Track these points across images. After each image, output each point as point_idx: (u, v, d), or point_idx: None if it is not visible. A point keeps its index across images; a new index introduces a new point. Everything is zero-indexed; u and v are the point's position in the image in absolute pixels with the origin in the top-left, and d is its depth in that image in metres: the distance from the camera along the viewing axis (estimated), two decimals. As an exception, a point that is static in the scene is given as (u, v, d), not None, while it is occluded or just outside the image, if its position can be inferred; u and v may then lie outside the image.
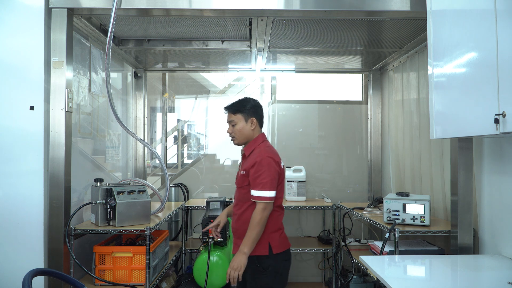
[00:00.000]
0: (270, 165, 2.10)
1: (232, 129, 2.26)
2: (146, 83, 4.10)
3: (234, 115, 2.24)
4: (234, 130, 2.24)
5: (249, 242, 2.05)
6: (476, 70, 1.58)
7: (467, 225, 2.27)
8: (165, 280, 3.26)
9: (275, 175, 2.11)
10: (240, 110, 2.23)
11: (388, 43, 3.18)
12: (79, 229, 2.45)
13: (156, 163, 4.34)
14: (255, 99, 2.31)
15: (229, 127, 2.27)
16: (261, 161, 2.10)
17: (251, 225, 2.07)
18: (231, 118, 2.25)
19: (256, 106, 2.27)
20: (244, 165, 2.22)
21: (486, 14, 1.50)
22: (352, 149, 4.24)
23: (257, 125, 2.26)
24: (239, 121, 2.23)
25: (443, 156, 2.77)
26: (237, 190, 2.24)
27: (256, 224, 2.05)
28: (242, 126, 2.23)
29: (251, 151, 2.21)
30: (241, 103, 2.26)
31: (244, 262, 2.04)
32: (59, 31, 2.28)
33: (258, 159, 2.11)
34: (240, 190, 2.21)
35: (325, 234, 3.95)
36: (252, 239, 2.05)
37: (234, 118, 2.24)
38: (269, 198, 2.08)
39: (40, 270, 1.59)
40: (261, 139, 2.25)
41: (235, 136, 2.25)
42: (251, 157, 2.19)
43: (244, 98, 2.29)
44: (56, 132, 2.28)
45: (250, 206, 2.15)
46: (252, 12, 2.37)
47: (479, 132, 1.58)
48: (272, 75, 4.28)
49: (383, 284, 1.68)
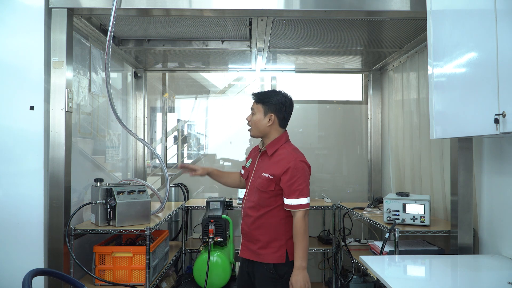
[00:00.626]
0: (304, 169, 2.01)
1: (251, 117, 2.14)
2: (146, 83, 4.10)
3: (256, 104, 2.11)
4: (252, 119, 2.12)
5: (304, 255, 1.95)
6: (476, 70, 1.58)
7: (467, 225, 2.27)
8: (165, 280, 3.26)
9: (309, 181, 2.03)
10: (263, 101, 2.09)
11: (388, 43, 3.18)
12: (79, 229, 2.45)
13: (156, 163, 4.33)
14: (288, 96, 2.13)
15: (249, 114, 2.16)
16: (296, 166, 1.98)
17: (299, 236, 1.96)
18: (253, 106, 2.13)
19: (282, 103, 2.08)
20: (268, 166, 2.05)
21: (486, 14, 1.50)
22: (352, 149, 4.23)
23: (276, 123, 2.09)
24: (258, 112, 2.09)
25: (443, 156, 2.77)
26: (257, 193, 2.05)
27: (303, 234, 1.96)
28: (259, 119, 2.09)
29: (275, 151, 2.07)
30: (267, 94, 2.10)
31: (307, 277, 1.96)
32: (59, 31, 2.28)
33: (292, 164, 1.98)
34: (261, 194, 2.03)
35: (325, 234, 3.95)
36: (305, 251, 1.96)
37: (254, 107, 2.12)
38: (307, 205, 1.99)
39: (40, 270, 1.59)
40: (284, 139, 2.11)
41: (251, 126, 2.14)
42: (276, 158, 2.05)
43: (274, 90, 2.14)
44: (56, 132, 2.28)
45: (270, 211, 2.03)
46: (252, 12, 2.37)
47: (479, 132, 1.58)
48: (272, 75, 4.28)
49: (383, 284, 1.68)
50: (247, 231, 2.10)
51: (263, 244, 2.04)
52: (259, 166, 2.12)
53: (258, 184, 2.06)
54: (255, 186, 2.08)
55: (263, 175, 2.04)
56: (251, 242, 2.08)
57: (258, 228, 2.05)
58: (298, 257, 1.95)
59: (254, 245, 2.07)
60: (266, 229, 2.04)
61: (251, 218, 2.07)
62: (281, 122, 2.11)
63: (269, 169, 2.04)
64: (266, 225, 2.03)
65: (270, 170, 2.03)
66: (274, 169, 2.02)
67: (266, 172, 2.04)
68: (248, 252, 2.10)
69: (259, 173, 2.09)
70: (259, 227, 2.05)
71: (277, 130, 2.11)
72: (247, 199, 2.13)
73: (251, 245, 2.09)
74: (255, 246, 2.06)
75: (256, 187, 2.07)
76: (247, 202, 2.13)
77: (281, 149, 2.07)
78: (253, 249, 2.07)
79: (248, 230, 2.09)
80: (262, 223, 2.04)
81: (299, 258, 1.95)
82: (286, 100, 2.10)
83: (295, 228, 1.98)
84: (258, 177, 2.07)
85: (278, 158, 2.04)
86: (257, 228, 2.05)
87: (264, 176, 2.04)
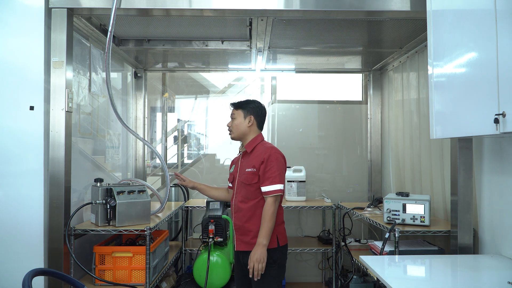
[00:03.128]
0: (278, 160, 2.24)
1: (231, 123, 2.38)
2: (146, 83, 4.10)
3: (236, 110, 2.37)
4: (233, 124, 2.36)
5: (266, 234, 2.14)
6: (476, 70, 1.58)
7: (467, 225, 2.28)
8: (165, 280, 3.26)
9: (283, 170, 2.26)
10: (242, 107, 2.35)
11: (388, 43, 3.18)
12: (79, 229, 2.45)
13: (156, 163, 4.33)
14: (261, 103, 2.42)
15: (230, 121, 2.40)
16: (270, 156, 2.22)
17: (265, 218, 2.15)
18: (232, 112, 2.39)
19: (258, 107, 2.37)
20: (249, 162, 2.29)
21: (486, 14, 1.50)
22: (352, 149, 4.24)
23: (255, 124, 2.35)
24: (239, 116, 2.34)
25: (443, 156, 2.77)
26: (244, 187, 2.28)
27: (270, 217, 2.15)
28: (240, 122, 2.33)
29: (253, 148, 2.32)
30: (245, 101, 2.39)
31: (265, 253, 2.12)
32: (59, 31, 2.28)
33: (266, 156, 2.23)
34: (248, 187, 2.26)
35: (325, 234, 3.95)
36: (269, 230, 2.15)
37: (235, 113, 2.37)
38: (279, 190, 2.19)
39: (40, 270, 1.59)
40: (260, 138, 2.37)
41: (232, 130, 2.37)
42: (254, 154, 2.29)
43: (251, 99, 2.42)
44: (56, 132, 2.28)
45: (258, 202, 2.24)
46: (252, 12, 2.37)
47: (479, 132, 1.58)
48: (272, 75, 4.28)
49: (383, 284, 1.68)
50: (240, 225, 2.27)
51: (255, 233, 2.21)
52: (242, 165, 2.35)
53: (244, 179, 2.28)
54: (241, 182, 2.30)
55: (246, 170, 2.28)
56: (244, 234, 2.26)
57: (249, 219, 2.24)
58: (261, 235, 2.14)
59: (247, 237, 2.25)
60: (256, 219, 2.23)
61: (242, 211, 2.27)
62: (258, 124, 2.37)
63: (250, 164, 2.27)
64: (255, 215, 2.23)
65: (251, 164, 2.27)
66: (254, 162, 2.26)
67: (249, 167, 2.28)
68: (243, 244, 2.27)
69: (243, 170, 2.32)
70: (250, 218, 2.24)
71: (255, 131, 2.35)
72: (236, 195, 2.34)
73: (244, 237, 2.26)
74: (248, 237, 2.24)
75: (241, 182, 2.30)
76: (236, 198, 2.33)
77: (258, 146, 2.32)
78: (247, 240, 2.25)
79: (241, 224, 2.27)
80: (251, 214, 2.24)
81: (261, 236, 2.14)
82: (262, 106, 2.40)
83: (264, 211, 2.18)
84: (243, 174, 2.30)
85: (256, 153, 2.29)
86: (248, 220, 2.24)
87: (247, 171, 2.27)
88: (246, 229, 2.25)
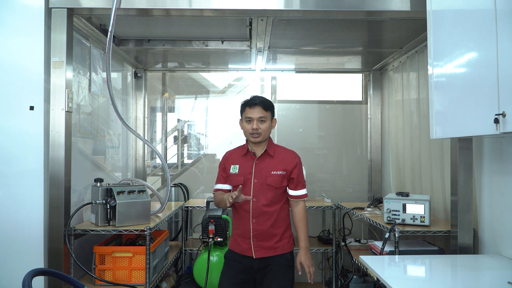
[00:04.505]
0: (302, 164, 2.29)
1: (259, 125, 2.15)
2: (146, 83, 4.10)
3: (266, 112, 2.16)
4: (262, 127, 2.15)
5: (307, 238, 2.24)
6: (476, 70, 1.58)
7: (467, 225, 2.27)
8: (165, 280, 3.26)
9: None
10: (271, 108, 2.20)
11: (388, 43, 3.18)
12: (79, 229, 2.45)
13: (156, 163, 4.34)
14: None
15: (255, 123, 2.14)
16: (300, 161, 2.24)
17: (304, 222, 2.24)
18: (262, 114, 2.15)
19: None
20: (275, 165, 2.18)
21: (486, 14, 1.50)
22: (352, 149, 4.23)
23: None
24: (268, 119, 2.18)
25: (443, 156, 2.77)
26: (271, 190, 2.16)
27: (307, 220, 2.26)
28: (269, 125, 2.19)
29: (274, 150, 2.23)
30: (270, 101, 2.21)
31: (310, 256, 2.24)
32: (59, 31, 2.28)
33: (298, 160, 2.23)
34: (276, 190, 2.17)
35: (325, 234, 3.95)
36: (308, 234, 2.26)
37: (265, 115, 2.16)
38: (306, 194, 2.28)
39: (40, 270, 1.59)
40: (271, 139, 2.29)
41: (261, 133, 2.15)
42: (279, 156, 2.21)
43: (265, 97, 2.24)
44: (56, 132, 2.28)
45: (283, 205, 2.21)
46: (252, 12, 2.37)
47: (479, 132, 1.58)
48: (272, 75, 4.28)
49: (383, 284, 1.68)
50: (263, 230, 2.15)
51: (279, 237, 2.17)
52: (261, 167, 2.19)
53: (271, 181, 2.16)
54: (267, 184, 2.16)
55: (274, 173, 2.17)
56: (266, 239, 2.15)
57: (274, 223, 2.16)
58: (306, 239, 2.22)
59: (270, 242, 2.15)
60: (281, 222, 2.19)
61: (266, 215, 2.15)
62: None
63: (278, 167, 2.18)
64: (280, 218, 2.18)
65: (280, 167, 2.18)
66: (284, 166, 2.19)
67: (277, 169, 2.18)
68: (263, 250, 2.15)
69: (265, 172, 2.18)
70: (275, 221, 2.16)
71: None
72: (258, 198, 2.15)
73: (266, 243, 2.15)
74: (271, 242, 2.16)
75: (267, 185, 2.16)
76: (259, 201, 2.15)
77: (277, 149, 2.26)
78: (269, 245, 2.15)
79: (265, 228, 2.15)
80: (276, 217, 2.17)
81: (306, 240, 2.22)
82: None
83: (300, 215, 2.23)
84: (268, 176, 2.17)
85: (281, 156, 2.22)
86: (273, 224, 2.16)
87: (276, 174, 2.17)
88: (270, 234, 2.14)
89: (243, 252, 2.17)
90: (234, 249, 2.22)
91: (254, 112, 2.15)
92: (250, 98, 2.20)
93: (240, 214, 2.20)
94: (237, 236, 2.22)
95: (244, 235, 2.18)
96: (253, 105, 2.15)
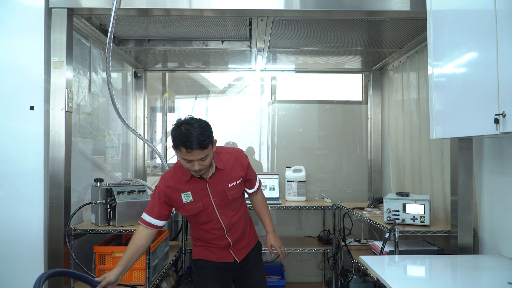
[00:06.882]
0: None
1: (202, 163, 1.86)
2: (146, 83, 4.10)
3: (205, 149, 1.84)
4: (205, 163, 1.88)
5: (272, 221, 2.31)
6: (476, 70, 1.59)
7: (467, 225, 2.28)
8: (165, 280, 3.26)
9: None
10: (209, 142, 1.86)
11: (388, 43, 3.18)
12: (79, 229, 2.45)
13: (156, 163, 4.33)
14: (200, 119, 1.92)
15: (196, 164, 1.85)
16: (244, 158, 2.16)
17: (266, 207, 2.31)
18: (202, 155, 1.83)
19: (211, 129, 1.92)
20: (227, 177, 2.03)
21: (486, 14, 1.50)
22: (352, 149, 4.23)
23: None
24: (210, 152, 1.88)
25: (443, 156, 2.77)
26: (233, 202, 2.07)
27: (267, 205, 2.33)
28: (211, 155, 1.92)
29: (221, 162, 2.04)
30: (205, 135, 1.84)
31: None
32: (59, 31, 2.28)
33: (244, 160, 2.14)
34: (236, 199, 2.09)
35: (325, 234, 3.95)
36: (271, 217, 2.32)
37: (206, 152, 1.85)
38: (260, 180, 2.33)
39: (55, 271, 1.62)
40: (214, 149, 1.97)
41: (205, 168, 1.90)
42: (228, 166, 2.05)
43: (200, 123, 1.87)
44: (56, 132, 2.28)
45: (242, 204, 2.21)
46: (252, 12, 2.37)
47: (479, 132, 1.58)
48: (272, 75, 4.28)
49: (383, 284, 1.69)
50: (238, 236, 2.12)
51: (248, 232, 2.23)
52: (215, 184, 2.01)
53: (231, 195, 2.05)
54: (228, 199, 2.05)
55: (232, 185, 2.05)
56: (241, 241, 2.16)
57: (243, 226, 2.18)
58: (271, 222, 2.29)
59: (243, 241, 2.18)
60: (246, 219, 2.23)
61: (237, 223, 2.12)
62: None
63: (233, 176, 2.07)
64: (243, 218, 2.19)
65: (234, 176, 2.07)
66: (237, 173, 2.09)
67: (233, 180, 2.06)
68: (242, 251, 2.17)
69: (223, 187, 2.03)
70: (243, 224, 2.18)
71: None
72: (226, 215, 2.06)
73: (241, 243, 2.17)
74: (245, 241, 2.19)
75: (229, 200, 2.05)
76: (228, 216, 2.06)
77: (222, 156, 2.06)
78: (244, 244, 2.18)
79: (239, 234, 2.13)
80: (242, 220, 2.17)
81: (271, 224, 2.29)
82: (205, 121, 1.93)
83: (261, 203, 2.30)
84: (226, 190, 2.03)
85: (229, 164, 2.06)
86: (243, 227, 2.18)
87: (234, 185, 2.07)
88: (243, 235, 2.15)
89: (221, 259, 2.12)
90: (209, 259, 2.12)
91: (194, 155, 1.82)
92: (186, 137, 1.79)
93: (212, 233, 2.07)
94: (210, 247, 2.12)
95: (221, 247, 2.11)
96: (191, 149, 1.80)
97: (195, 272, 2.18)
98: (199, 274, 2.15)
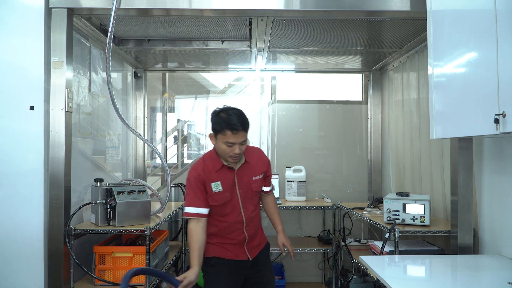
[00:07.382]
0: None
1: (241, 148, 2.00)
2: (146, 83, 4.10)
3: (245, 133, 2.00)
4: (243, 147, 2.02)
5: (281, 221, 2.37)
6: (476, 70, 1.58)
7: (467, 225, 2.28)
8: (165, 280, 3.26)
9: None
10: (249, 126, 2.04)
11: (388, 43, 3.18)
12: (79, 229, 2.45)
13: (156, 163, 4.34)
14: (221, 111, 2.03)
15: (237, 147, 1.98)
16: (265, 155, 2.27)
17: (276, 208, 2.37)
18: (245, 137, 2.00)
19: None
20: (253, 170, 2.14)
21: (486, 14, 1.50)
22: (352, 149, 4.24)
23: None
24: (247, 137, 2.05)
25: (443, 156, 2.77)
26: (255, 196, 2.19)
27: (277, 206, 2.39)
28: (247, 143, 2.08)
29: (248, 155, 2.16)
30: (245, 117, 2.02)
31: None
32: (59, 31, 2.28)
33: (264, 157, 2.24)
34: (257, 194, 2.22)
35: (325, 234, 3.95)
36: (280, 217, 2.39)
37: (246, 136, 2.02)
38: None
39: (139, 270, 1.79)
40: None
41: (240, 155, 2.03)
42: (253, 160, 2.16)
43: (238, 110, 2.03)
44: (56, 132, 2.28)
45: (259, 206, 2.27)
46: (252, 12, 2.37)
47: (479, 132, 1.58)
48: (272, 75, 4.28)
49: (383, 284, 1.68)
50: (252, 233, 2.19)
51: (259, 233, 2.28)
52: (241, 176, 2.11)
53: (255, 187, 2.17)
54: (251, 192, 2.17)
55: (255, 178, 2.17)
56: (253, 240, 2.21)
57: (257, 224, 2.25)
58: (281, 223, 2.36)
59: (256, 240, 2.22)
60: (259, 221, 2.27)
61: (254, 219, 2.20)
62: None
63: (256, 170, 2.18)
64: (258, 217, 2.25)
65: (258, 170, 2.19)
66: (260, 168, 2.20)
67: (256, 174, 2.18)
68: (254, 249, 2.21)
69: (247, 180, 2.14)
70: (258, 222, 2.25)
71: None
72: (247, 208, 2.14)
73: (253, 243, 2.21)
74: (257, 240, 2.23)
75: (252, 192, 2.17)
76: (248, 210, 2.15)
77: (247, 150, 2.17)
78: (256, 243, 2.23)
79: (253, 232, 2.19)
80: (257, 218, 2.24)
81: (281, 224, 2.35)
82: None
83: (272, 203, 2.37)
84: (250, 184, 2.15)
85: (254, 158, 2.19)
86: (257, 225, 2.25)
87: (257, 179, 2.18)
88: (256, 233, 2.22)
89: (236, 257, 2.15)
90: (224, 256, 2.14)
91: (237, 138, 1.95)
92: (230, 120, 1.94)
93: (232, 226, 2.12)
94: (225, 245, 2.15)
95: (237, 243, 2.15)
96: (236, 131, 1.94)
97: (208, 270, 2.17)
98: (212, 271, 2.15)
